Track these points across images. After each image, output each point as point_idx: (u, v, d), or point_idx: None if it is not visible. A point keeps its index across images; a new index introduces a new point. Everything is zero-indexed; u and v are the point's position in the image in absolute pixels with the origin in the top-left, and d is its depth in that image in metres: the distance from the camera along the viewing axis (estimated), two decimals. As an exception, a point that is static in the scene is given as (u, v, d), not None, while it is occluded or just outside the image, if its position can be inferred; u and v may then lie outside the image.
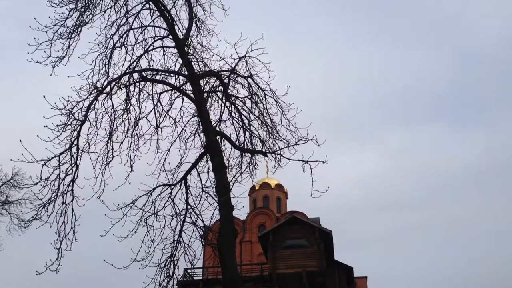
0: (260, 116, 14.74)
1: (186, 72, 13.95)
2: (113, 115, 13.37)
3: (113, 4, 14.32)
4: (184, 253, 12.66)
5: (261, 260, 36.40)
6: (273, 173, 14.62)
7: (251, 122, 14.82)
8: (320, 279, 29.12)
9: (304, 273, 28.58)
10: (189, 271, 31.54)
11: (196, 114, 14.40)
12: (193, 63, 14.18)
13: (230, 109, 14.88)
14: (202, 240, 13.41)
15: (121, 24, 14.32)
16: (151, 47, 14.55)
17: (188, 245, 12.72)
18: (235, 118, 14.88)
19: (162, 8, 14.24)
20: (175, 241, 12.75)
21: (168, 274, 12.43)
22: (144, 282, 11.98)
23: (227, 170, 13.11)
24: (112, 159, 13.02)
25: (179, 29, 14.70)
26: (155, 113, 14.27)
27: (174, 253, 12.66)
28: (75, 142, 12.23)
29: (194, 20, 14.95)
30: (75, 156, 12.18)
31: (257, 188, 48.11)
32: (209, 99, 14.89)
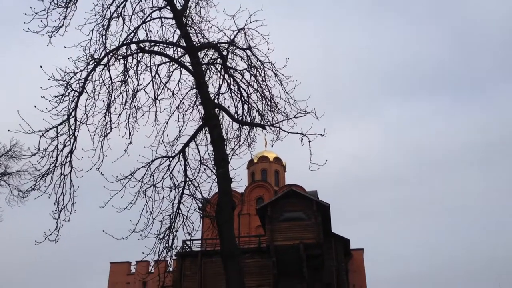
0: (258, 88, 14.67)
1: (184, 44, 13.81)
2: (111, 86, 13.30)
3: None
4: (182, 225, 12.78)
5: (259, 233, 36.75)
6: (272, 146, 14.65)
7: (249, 95, 14.77)
8: (317, 251, 29.44)
9: (301, 245, 28.87)
10: (187, 242, 31.86)
11: (194, 87, 14.32)
12: (191, 35, 14.02)
13: (228, 81, 14.80)
14: (201, 212, 13.51)
15: (119, -7, 14.09)
16: (148, 18, 14.37)
17: (187, 217, 12.83)
18: (233, 91, 14.82)
19: None
20: (174, 213, 12.85)
21: (167, 245, 12.56)
22: (143, 253, 12.13)
23: (225, 143, 13.11)
24: (110, 131, 13.01)
25: (177, -1, 14.48)
26: (153, 85, 14.20)
27: (173, 224, 12.77)
28: (73, 114, 12.20)
29: (192, -11, 14.72)
30: (73, 127, 12.16)
31: (255, 161, 48.22)
32: (208, 71, 14.80)
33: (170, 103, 14.49)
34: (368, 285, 35.64)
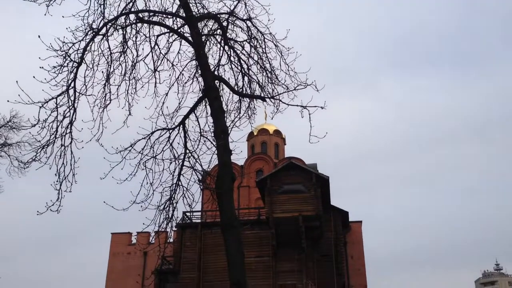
0: (259, 60, 14.55)
1: (184, 14, 13.62)
2: (109, 57, 13.17)
3: None
4: (183, 196, 12.86)
5: (259, 205, 37.06)
6: (272, 119, 14.63)
7: (250, 67, 14.66)
8: (316, 223, 29.74)
9: (300, 217, 29.15)
10: (187, 214, 32.18)
11: (194, 58, 14.19)
12: (191, 5, 13.80)
13: (228, 53, 14.67)
14: (201, 184, 13.57)
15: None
16: (147, -13, 14.09)
17: (187, 189, 12.89)
18: (233, 63, 14.70)
19: None
20: (174, 185, 12.91)
21: (167, 216, 12.67)
22: (143, 224, 12.24)
23: (225, 115, 13.08)
24: (110, 102, 12.95)
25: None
26: (152, 56, 14.06)
27: (173, 196, 12.85)
28: (72, 84, 12.13)
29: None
30: (72, 98, 12.12)
31: (255, 134, 48.26)
32: (208, 42, 14.64)
33: (170, 75, 14.38)
34: (365, 257, 36.17)
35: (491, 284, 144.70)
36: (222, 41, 14.60)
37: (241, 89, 14.52)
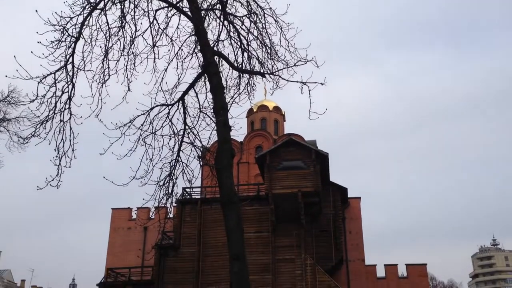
0: (259, 36, 14.42)
1: (183, -12, 13.44)
2: (108, 32, 13.04)
3: None
4: (182, 172, 12.90)
5: (258, 181, 37.21)
6: (271, 95, 14.58)
7: (249, 42, 14.53)
8: (315, 199, 29.93)
9: (299, 193, 29.31)
10: (187, 190, 32.33)
11: (193, 33, 14.05)
12: (190, -21, 13.60)
13: (228, 28, 14.52)
14: (200, 160, 13.60)
15: None
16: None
17: (186, 165, 12.92)
18: (233, 38, 14.57)
19: None
20: (173, 161, 12.94)
21: (167, 192, 12.73)
22: (143, 199, 12.31)
23: (224, 91, 13.03)
24: (108, 78, 12.88)
25: None
26: (151, 31, 13.91)
27: (173, 172, 12.89)
28: (70, 60, 12.04)
29: None
30: (70, 73, 12.04)
31: (254, 110, 48.14)
32: (207, 17, 14.48)
33: (169, 50, 14.26)
34: (364, 232, 36.52)
35: (487, 259, 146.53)
36: (222, 16, 14.45)
37: (240, 65, 14.42)
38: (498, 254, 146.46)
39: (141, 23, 13.69)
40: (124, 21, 13.34)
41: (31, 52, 10.67)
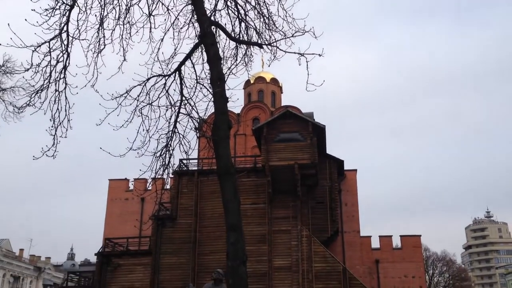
0: (256, 6, 14.15)
1: (179, -46, 13.14)
2: (103, 0, 12.79)
3: None
4: (179, 144, 12.86)
5: (255, 153, 37.31)
6: (269, 66, 14.42)
7: (247, 12, 14.27)
8: (312, 171, 30.08)
9: (296, 165, 29.44)
10: (184, 161, 32.42)
11: (190, 2, 13.80)
12: None
13: (225, -3, 14.25)
14: (197, 131, 13.55)
15: None
16: None
17: (183, 136, 12.87)
18: (230, 8, 14.30)
19: None
20: (170, 132, 12.88)
21: (163, 163, 12.72)
22: (140, 170, 12.31)
23: (222, 62, 12.88)
24: (104, 47, 12.67)
25: None
26: (147, 0, 13.65)
27: (170, 143, 12.85)
28: (65, 28, 11.83)
29: None
30: (65, 42, 11.86)
31: (252, 82, 47.88)
32: (204, -14, 14.19)
33: (165, 20, 13.98)
34: (359, 204, 36.88)
35: (480, 230, 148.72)
36: (219, -15, 14.15)
37: (238, 36, 14.21)
38: (491, 226, 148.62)
39: (137, -9, 13.41)
40: (119, -11, 13.07)
41: (25, 20, 10.48)
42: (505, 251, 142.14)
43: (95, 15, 12.57)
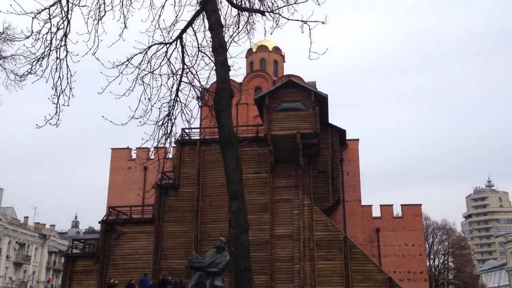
0: (259, -29, 13.89)
1: None
2: (103, -34, 12.55)
3: None
4: (181, 113, 12.83)
5: (257, 122, 37.26)
6: (271, 34, 14.29)
7: (249, -22, 14.02)
8: (314, 141, 30.09)
9: (298, 135, 29.43)
10: (186, 131, 32.41)
11: (191, -32, 13.54)
12: None
13: (227, -38, 13.95)
14: (199, 100, 13.50)
15: None
16: None
17: (185, 105, 12.84)
18: (232, -27, 14.04)
19: None
20: (172, 101, 12.84)
21: (166, 132, 12.72)
22: (142, 139, 12.33)
23: (223, 30, 12.73)
24: (104, 14, 12.51)
25: None
26: (147, -34, 13.42)
27: (171, 112, 12.83)
28: (65, -6, 11.67)
29: None
30: (65, 9, 11.71)
31: (254, 50, 47.43)
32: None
33: (166, -15, 13.76)
34: (361, 174, 37.04)
35: (481, 199, 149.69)
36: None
37: (240, 2, 14.01)
38: (492, 195, 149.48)
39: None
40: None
41: (24, -14, 10.34)
42: (505, 220, 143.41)
43: (95, -19, 12.36)
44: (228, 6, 13.90)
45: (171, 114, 12.81)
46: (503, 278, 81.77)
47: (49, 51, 11.58)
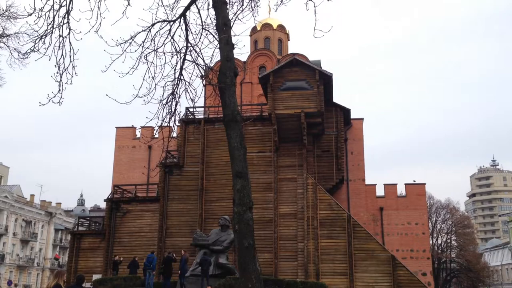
0: None
1: None
2: None
3: None
4: (185, 91, 12.76)
5: (261, 101, 37.14)
6: (275, 11, 14.05)
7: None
8: (318, 120, 30.01)
9: (302, 114, 29.34)
10: (190, 110, 32.38)
11: None
12: None
13: None
14: (203, 79, 13.41)
15: None
16: None
17: (189, 83, 12.76)
18: None
19: None
20: (176, 79, 12.76)
21: (170, 110, 12.68)
22: (147, 117, 12.31)
23: (227, 7, 12.57)
24: (107, -9, 12.37)
25: None
26: None
27: (176, 90, 12.76)
28: (67, -29, 11.53)
29: None
30: (68, -14, 11.58)
31: (258, 28, 46.96)
32: None
33: (169, -39, 13.56)
34: (365, 153, 37.01)
35: (485, 179, 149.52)
36: None
37: (244, -21, 13.79)
38: (496, 174, 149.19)
39: None
40: None
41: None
42: (509, 199, 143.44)
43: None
44: (232, -17, 13.69)
45: (175, 93, 12.74)
46: (505, 257, 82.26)
47: (52, 29, 11.50)
